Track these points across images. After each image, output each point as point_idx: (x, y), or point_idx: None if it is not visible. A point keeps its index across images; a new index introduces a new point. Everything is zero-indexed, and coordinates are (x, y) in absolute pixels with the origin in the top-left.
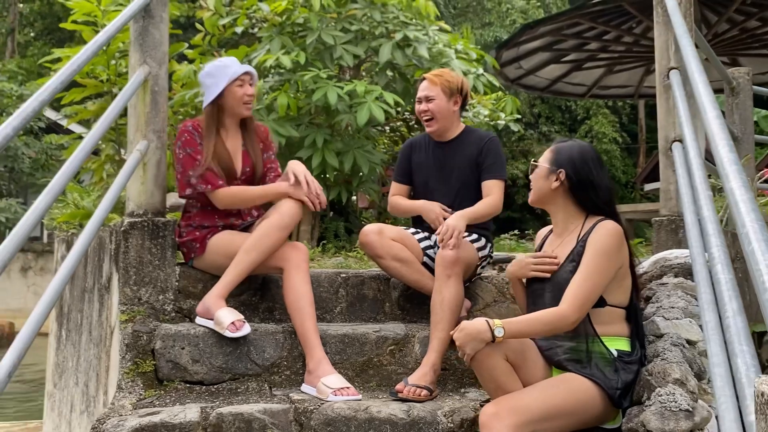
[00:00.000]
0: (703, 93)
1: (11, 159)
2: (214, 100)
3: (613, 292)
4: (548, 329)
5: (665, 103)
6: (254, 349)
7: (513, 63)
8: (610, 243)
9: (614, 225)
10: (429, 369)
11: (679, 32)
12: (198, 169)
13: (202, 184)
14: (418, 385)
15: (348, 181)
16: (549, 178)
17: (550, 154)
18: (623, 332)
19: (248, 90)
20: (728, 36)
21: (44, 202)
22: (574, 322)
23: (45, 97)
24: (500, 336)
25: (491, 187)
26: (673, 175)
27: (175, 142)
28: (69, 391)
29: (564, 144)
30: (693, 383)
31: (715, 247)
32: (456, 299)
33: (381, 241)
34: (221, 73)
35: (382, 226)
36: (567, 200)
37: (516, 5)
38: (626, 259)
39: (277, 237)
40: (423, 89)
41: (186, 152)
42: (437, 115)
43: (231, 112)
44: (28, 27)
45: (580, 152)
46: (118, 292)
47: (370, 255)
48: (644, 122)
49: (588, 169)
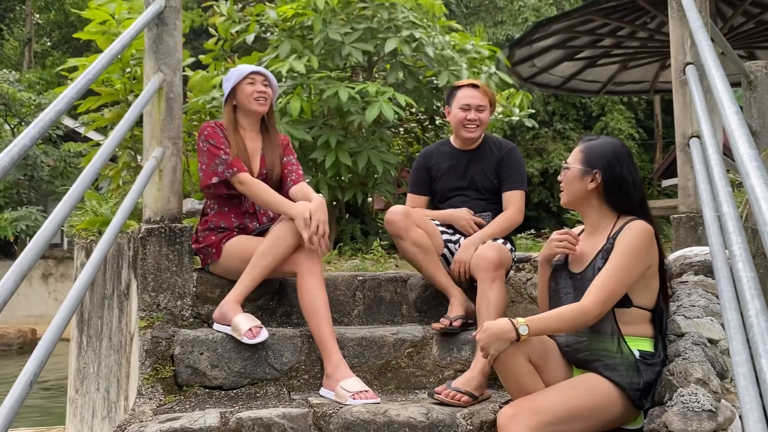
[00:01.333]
0: (720, 88)
1: (30, 167)
2: (229, 100)
3: (640, 292)
4: (571, 325)
5: (682, 98)
6: (272, 354)
7: (526, 61)
8: (639, 242)
9: (645, 224)
10: (477, 373)
11: (694, 27)
12: (223, 155)
13: (228, 170)
14: (459, 390)
15: (363, 183)
16: (584, 180)
17: (581, 155)
18: (647, 333)
19: (259, 87)
20: (744, 29)
21: (63, 210)
22: (596, 317)
23: (62, 106)
24: (525, 334)
25: (510, 199)
26: (691, 171)
27: (198, 137)
28: (90, 396)
29: (594, 142)
30: (716, 383)
31: (736, 244)
32: (502, 302)
33: (406, 222)
34: (234, 74)
35: (409, 209)
36: (601, 200)
37: (528, 3)
38: (655, 260)
39: (291, 242)
40: (475, 98)
41: (210, 144)
42: (483, 125)
43: (244, 110)
44: (45, 37)
45: (613, 150)
46: (137, 299)
47: (392, 234)
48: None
49: (621, 168)
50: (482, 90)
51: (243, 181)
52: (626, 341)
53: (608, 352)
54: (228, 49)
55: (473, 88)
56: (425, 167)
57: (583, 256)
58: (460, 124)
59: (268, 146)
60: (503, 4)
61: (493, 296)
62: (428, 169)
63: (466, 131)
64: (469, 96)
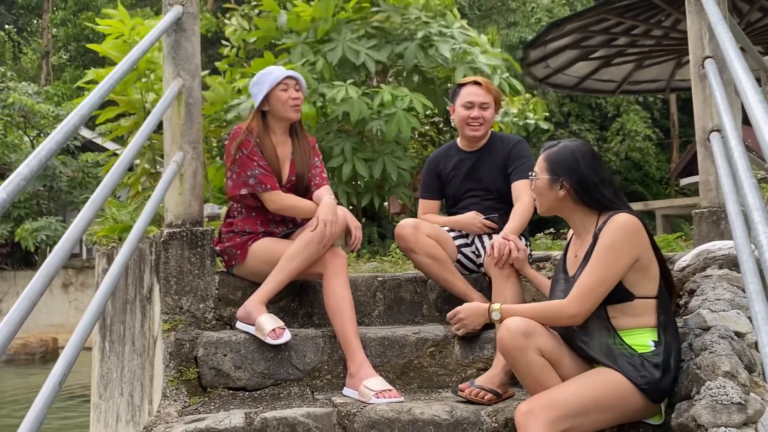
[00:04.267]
0: (743, 78)
1: (49, 178)
2: (260, 106)
3: (638, 283)
4: (545, 318)
5: (701, 93)
6: (295, 354)
7: (540, 62)
8: (619, 236)
9: (625, 217)
10: (499, 371)
11: (714, 20)
12: (255, 169)
13: (260, 185)
14: (483, 387)
15: (380, 187)
16: (553, 189)
17: (545, 164)
18: (650, 323)
19: (293, 93)
20: (761, 25)
21: (85, 218)
22: (575, 315)
23: (84, 112)
24: (497, 318)
25: (521, 188)
26: (712, 165)
27: (230, 142)
28: (114, 401)
29: (554, 149)
30: (744, 376)
31: (763, 234)
32: (518, 298)
33: (416, 235)
34: (265, 79)
35: (418, 221)
36: (576, 204)
37: (541, 4)
38: (644, 249)
39: (321, 247)
40: (478, 95)
41: (243, 153)
42: (488, 123)
43: (278, 116)
44: (62, 50)
45: (573, 154)
46: (160, 302)
47: (404, 248)
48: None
49: (586, 169)
50: (486, 87)
51: (275, 199)
52: (633, 335)
53: (611, 347)
54: (243, 56)
55: (476, 85)
56: (434, 171)
57: (577, 259)
58: (463, 123)
59: (297, 150)
60: (516, 6)
61: (509, 293)
62: (437, 173)
63: (470, 129)
64: (472, 93)
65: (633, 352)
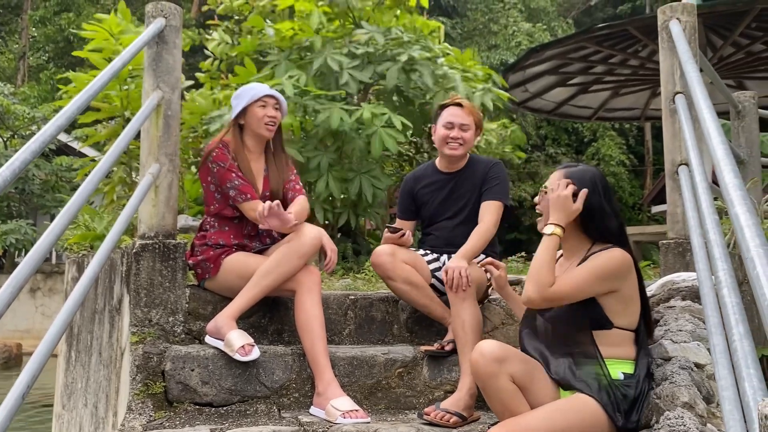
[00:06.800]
0: (707, 119)
1: (22, 180)
2: (237, 120)
3: (620, 313)
4: (534, 270)
5: (671, 126)
6: (263, 372)
7: (519, 86)
8: (610, 265)
9: (623, 253)
10: (464, 393)
11: (683, 58)
12: (235, 180)
13: (241, 196)
14: (448, 410)
15: (355, 205)
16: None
17: (567, 179)
18: (630, 355)
19: (270, 111)
20: (734, 59)
21: (60, 224)
22: (532, 302)
23: (62, 122)
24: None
25: (486, 209)
26: (679, 198)
27: (204, 158)
28: (78, 412)
29: (575, 168)
30: (702, 407)
31: (722, 270)
32: (475, 320)
33: (393, 263)
34: (246, 93)
35: (395, 247)
36: (577, 226)
37: (522, 28)
38: (629, 286)
39: (296, 263)
40: (458, 116)
41: (220, 166)
42: (467, 144)
43: (252, 133)
44: (40, 51)
45: (593, 177)
46: (129, 314)
47: (382, 276)
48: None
49: (600, 195)
50: (467, 109)
51: (255, 208)
52: (607, 364)
53: (593, 375)
54: (224, 69)
55: (458, 107)
56: (411, 193)
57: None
58: (443, 142)
59: (272, 167)
60: (497, 29)
61: (466, 316)
62: (414, 195)
63: (449, 148)
64: (453, 114)
65: (611, 382)
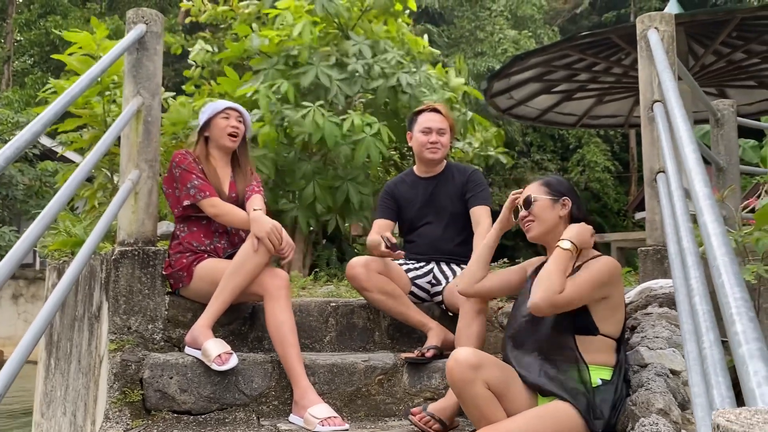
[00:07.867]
0: (681, 127)
1: (5, 186)
2: (202, 131)
3: (605, 321)
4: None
5: (650, 135)
6: (242, 379)
7: (504, 93)
8: (604, 271)
9: (613, 260)
10: (453, 402)
11: (660, 67)
12: (195, 180)
13: (200, 194)
14: (433, 416)
15: (341, 211)
16: (555, 208)
17: (544, 188)
18: (610, 362)
19: (232, 122)
20: (715, 68)
21: (37, 229)
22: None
23: (38, 128)
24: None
25: (480, 214)
26: (658, 205)
27: (170, 165)
28: (57, 420)
29: (552, 178)
30: (676, 413)
31: (694, 278)
32: (483, 333)
33: (367, 274)
34: (210, 108)
35: (368, 258)
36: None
37: (508, 36)
38: (618, 293)
39: (258, 260)
40: (436, 121)
41: (182, 168)
42: (444, 148)
43: (216, 143)
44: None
45: (569, 188)
46: (108, 321)
47: (357, 287)
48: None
49: (577, 204)
50: (444, 115)
51: (214, 204)
52: (589, 370)
53: (574, 380)
54: (207, 76)
55: (434, 112)
56: (391, 194)
57: None
58: (422, 147)
59: (239, 175)
60: (483, 36)
61: (477, 328)
62: (395, 197)
63: (428, 152)
64: (430, 120)
65: (590, 388)
